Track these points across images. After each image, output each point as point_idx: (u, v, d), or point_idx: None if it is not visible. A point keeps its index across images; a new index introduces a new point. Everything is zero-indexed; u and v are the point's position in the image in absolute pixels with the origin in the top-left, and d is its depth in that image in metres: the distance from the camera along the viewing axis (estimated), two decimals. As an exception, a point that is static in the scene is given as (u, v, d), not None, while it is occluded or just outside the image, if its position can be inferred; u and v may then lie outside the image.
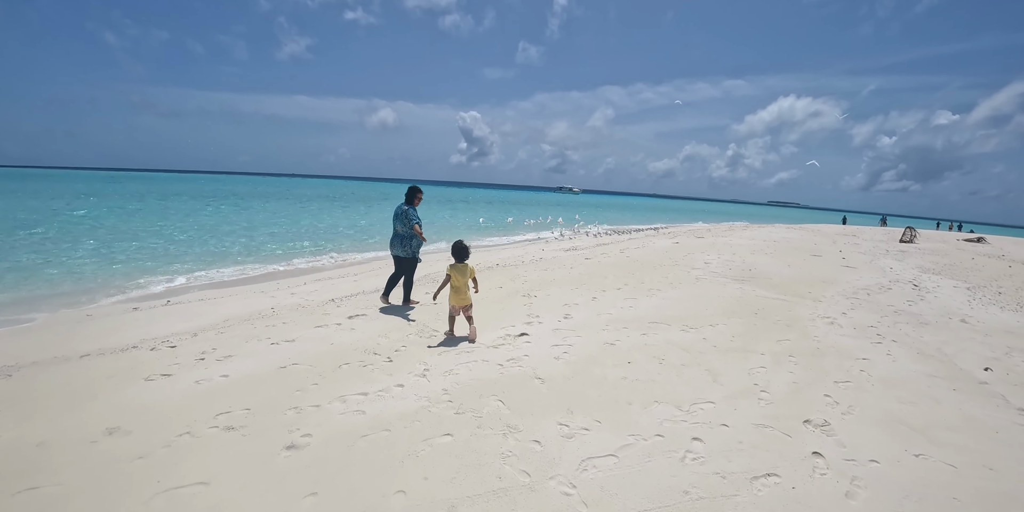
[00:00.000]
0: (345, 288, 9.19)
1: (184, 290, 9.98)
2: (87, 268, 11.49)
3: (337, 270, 12.43)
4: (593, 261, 11.53)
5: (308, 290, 9.15)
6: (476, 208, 43.06)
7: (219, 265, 12.75)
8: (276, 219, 25.91)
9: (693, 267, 10.62)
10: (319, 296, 8.40)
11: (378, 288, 8.98)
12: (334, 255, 15.05)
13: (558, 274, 9.58)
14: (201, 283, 10.76)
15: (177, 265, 12.44)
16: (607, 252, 13.70)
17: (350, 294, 8.42)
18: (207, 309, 7.78)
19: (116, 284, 10.22)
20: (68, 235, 16.24)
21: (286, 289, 9.46)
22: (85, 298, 9.10)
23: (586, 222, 30.71)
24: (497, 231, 24.64)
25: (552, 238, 21.83)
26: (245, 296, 8.92)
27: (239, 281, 11.05)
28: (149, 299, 9.29)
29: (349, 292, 8.65)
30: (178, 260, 13.09)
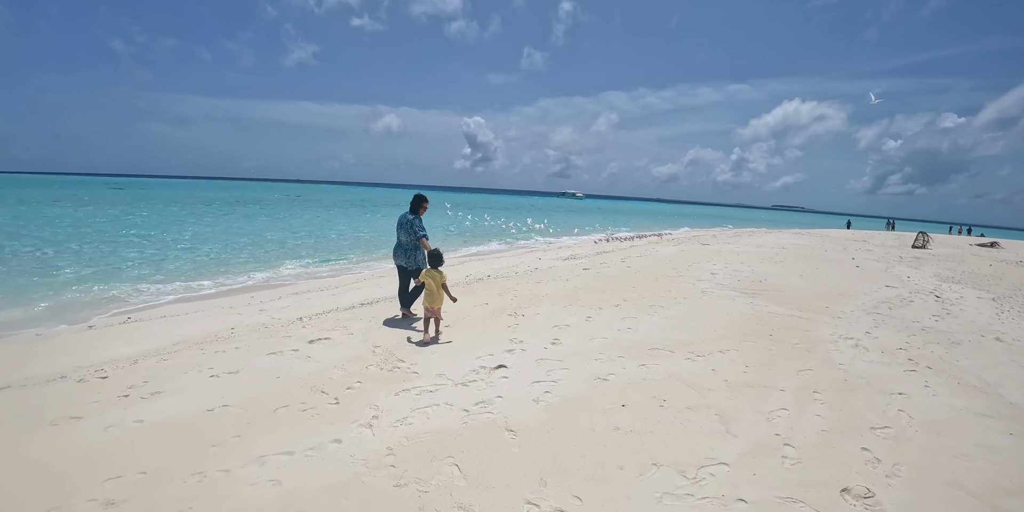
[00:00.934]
0: (320, 304, 8.46)
1: (154, 305, 9.29)
2: (61, 279, 10.81)
3: (319, 281, 11.71)
4: (591, 272, 10.77)
5: (280, 306, 8.43)
6: (469, 214, 42.42)
7: (202, 276, 12.07)
8: (271, 227, 25.27)
9: (699, 279, 9.84)
10: (288, 313, 7.68)
11: (355, 304, 8.27)
12: (323, 266, 14.35)
13: (551, 288, 8.83)
14: (176, 295, 10.08)
15: (160, 276, 11.77)
16: (607, 261, 12.94)
17: (323, 311, 7.70)
18: (164, 329, 7.07)
19: (88, 297, 9.57)
20: (49, 243, 15.61)
21: (258, 305, 8.74)
22: (48, 313, 8.44)
23: (591, 228, 29.93)
24: (484, 239, 23.91)
25: (547, 247, 21.10)
26: (211, 313, 8.21)
27: (217, 294, 10.35)
28: (117, 313, 8.62)
29: (323, 309, 7.93)
30: (161, 271, 12.41)
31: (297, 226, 25.96)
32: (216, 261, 14.20)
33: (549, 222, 35.70)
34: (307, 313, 7.60)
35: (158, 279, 11.38)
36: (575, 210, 69.96)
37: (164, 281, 11.24)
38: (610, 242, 21.90)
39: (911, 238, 29.77)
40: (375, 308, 7.66)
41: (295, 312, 7.77)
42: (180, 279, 11.54)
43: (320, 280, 11.96)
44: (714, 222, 50.27)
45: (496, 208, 54.89)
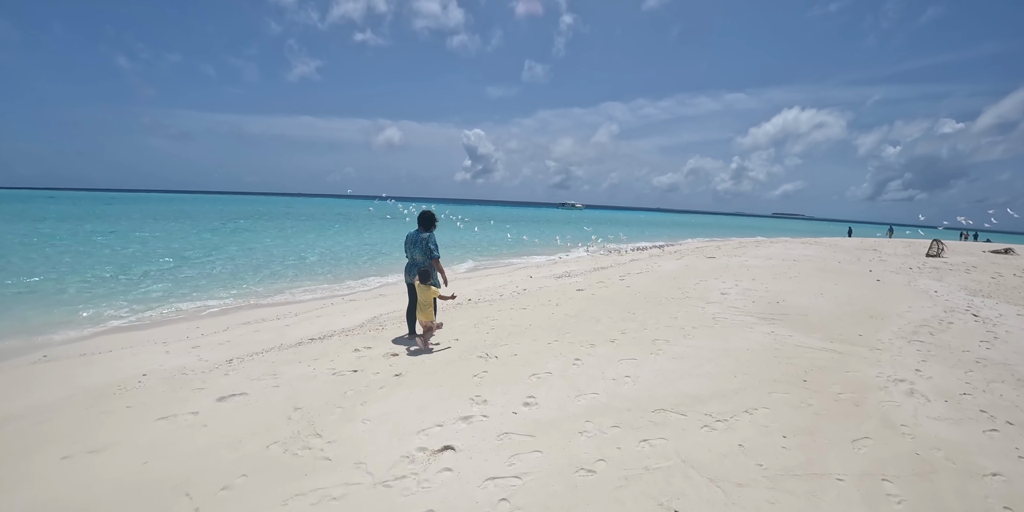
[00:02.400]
0: (264, 338, 7.23)
1: (83, 337, 8.07)
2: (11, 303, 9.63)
3: (278, 309, 10.44)
4: (586, 294, 9.55)
5: (218, 341, 7.21)
6: (465, 227, 41.24)
7: (150, 300, 10.87)
8: (254, 243, 24.08)
9: (708, 300, 8.61)
10: (222, 353, 6.45)
11: (303, 340, 7.04)
12: (290, 288, 13.13)
13: (538, 316, 7.60)
14: (113, 325, 8.87)
15: (102, 301, 10.55)
16: (605, 279, 11.72)
17: (262, 349, 6.48)
18: (67, 374, 5.83)
19: (35, 326, 8.45)
20: (25, 262, 14.42)
21: (196, 338, 7.53)
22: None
23: (589, 241, 28.74)
24: (480, 255, 22.71)
25: (544, 261, 19.89)
26: (138, 350, 6.98)
27: (157, 322, 9.14)
28: (42, 347, 7.42)
29: (263, 346, 6.70)
30: (104, 296, 11.19)
31: (271, 244, 24.78)
32: (171, 282, 13.00)
33: (545, 235, 34.56)
34: (243, 352, 6.38)
35: (98, 305, 10.16)
36: (573, 221, 68.88)
37: (105, 307, 10.03)
38: (609, 256, 20.70)
39: (922, 246, 28.58)
40: (323, 345, 6.43)
41: (230, 350, 6.54)
42: (124, 305, 10.32)
43: (278, 307, 10.70)
44: (716, 232, 49.07)
45: (497, 220, 53.72)
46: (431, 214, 6.36)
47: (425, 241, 6.21)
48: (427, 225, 6.33)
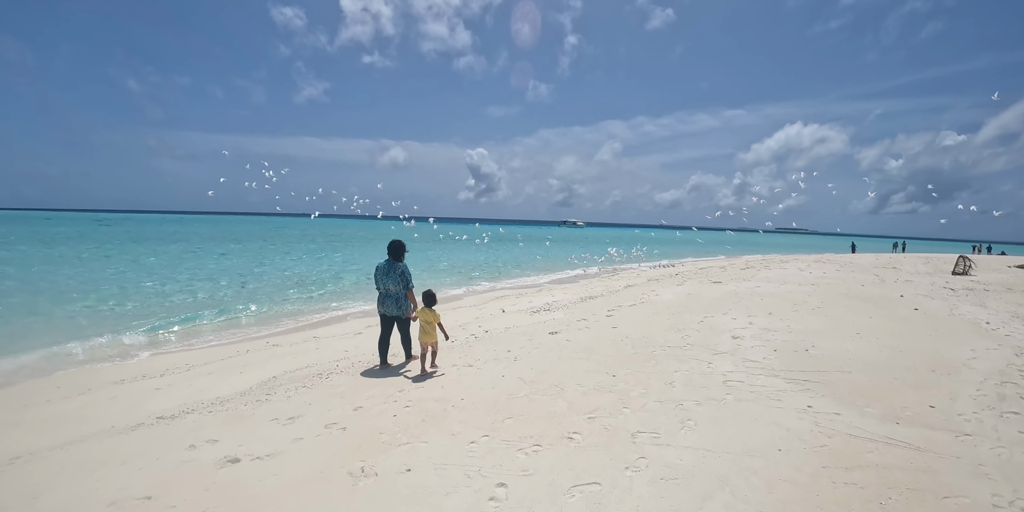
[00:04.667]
0: (204, 386, 5.24)
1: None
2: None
3: (213, 351, 8.44)
4: (559, 339, 7.53)
5: (148, 388, 5.26)
6: (453, 247, 39.41)
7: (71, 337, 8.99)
8: (212, 266, 22.14)
9: (716, 350, 6.59)
10: (148, 406, 4.49)
11: (244, 390, 5.07)
12: (255, 327, 11.14)
13: (481, 380, 5.56)
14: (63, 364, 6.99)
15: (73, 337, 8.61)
16: (589, 315, 9.71)
17: (196, 406, 4.50)
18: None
19: None
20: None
21: (134, 381, 5.60)
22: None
23: (584, 261, 26.74)
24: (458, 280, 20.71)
25: (530, 286, 17.86)
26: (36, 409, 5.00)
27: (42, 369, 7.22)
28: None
29: (208, 397, 4.73)
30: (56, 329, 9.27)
31: (239, 266, 22.82)
32: (102, 314, 11.05)
33: (543, 256, 32.64)
34: (174, 409, 4.41)
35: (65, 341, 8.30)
36: (572, 239, 66.72)
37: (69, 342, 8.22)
38: (602, 280, 18.68)
39: (942, 261, 26.49)
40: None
41: (163, 401, 4.56)
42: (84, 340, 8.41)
43: (217, 347, 8.70)
44: (720, 249, 46.90)
45: (510, 238, 51.79)
46: (402, 244, 6.33)
47: (402, 273, 6.20)
48: (398, 255, 6.30)
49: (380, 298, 6.34)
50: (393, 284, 6.20)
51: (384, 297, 6.29)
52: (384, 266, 6.27)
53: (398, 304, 6.27)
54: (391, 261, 6.27)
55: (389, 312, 6.31)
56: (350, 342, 8.72)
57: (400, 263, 6.27)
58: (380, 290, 6.31)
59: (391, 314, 6.33)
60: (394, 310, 6.29)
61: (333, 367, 6.84)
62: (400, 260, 6.31)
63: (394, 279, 6.19)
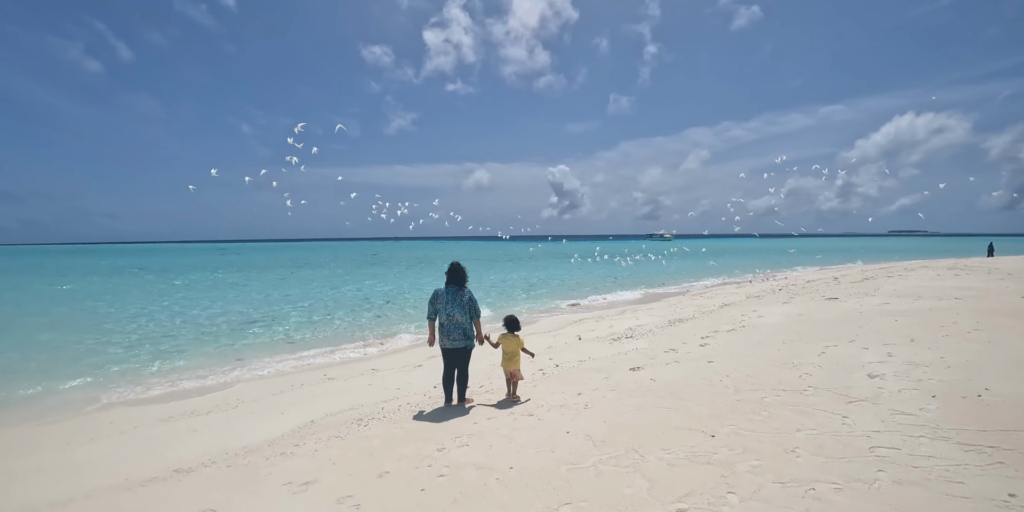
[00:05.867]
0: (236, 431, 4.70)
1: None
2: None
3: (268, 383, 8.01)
4: (641, 377, 6.21)
5: (186, 429, 4.81)
6: (535, 265, 38.61)
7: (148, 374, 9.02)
8: (274, 292, 22.71)
9: (849, 396, 4.99)
10: (173, 453, 3.99)
11: (275, 438, 4.43)
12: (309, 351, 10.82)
13: (538, 439, 4.42)
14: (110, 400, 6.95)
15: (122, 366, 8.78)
16: (678, 344, 8.26)
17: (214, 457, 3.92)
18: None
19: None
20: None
21: (180, 419, 5.20)
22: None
23: (678, 276, 24.82)
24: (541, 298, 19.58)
25: (614, 308, 16.41)
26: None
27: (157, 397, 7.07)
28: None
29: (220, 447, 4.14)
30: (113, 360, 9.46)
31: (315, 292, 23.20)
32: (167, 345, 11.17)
33: (625, 273, 30.86)
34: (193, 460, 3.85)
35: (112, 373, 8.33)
36: (660, 253, 63.39)
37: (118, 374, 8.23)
38: (692, 298, 16.85)
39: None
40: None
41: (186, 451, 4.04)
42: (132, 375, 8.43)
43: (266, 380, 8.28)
44: (827, 257, 42.28)
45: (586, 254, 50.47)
46: (463, 268, 5.78)
47: (471, 300, 5.70)
48: (461, 281, 5.72)
49: (444, 329, 5.68)
50: (460, 313, 5.61)
51: (449, 328, 5.64)
52: (447, 293, 5.65)
53: (465, 334, 5.68)
54: (454, 287, 5.68)
55: (456, 344, 5.66)
56: (406, 377, 7.94)
57: (466, 289, 5.74)
58: (442, 320, 5.66)
59: (459, 346, 5.68)
60: (463, 341, 5.68)
61: (377, 411, 6.02)
62: (464, 286, 5.75)
63: (461, 307, 5.61)
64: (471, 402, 5.88)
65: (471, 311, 5.68)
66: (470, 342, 5.74)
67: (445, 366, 5.84)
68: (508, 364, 5.77)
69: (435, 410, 5.75)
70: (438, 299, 5.63)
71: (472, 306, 5.69)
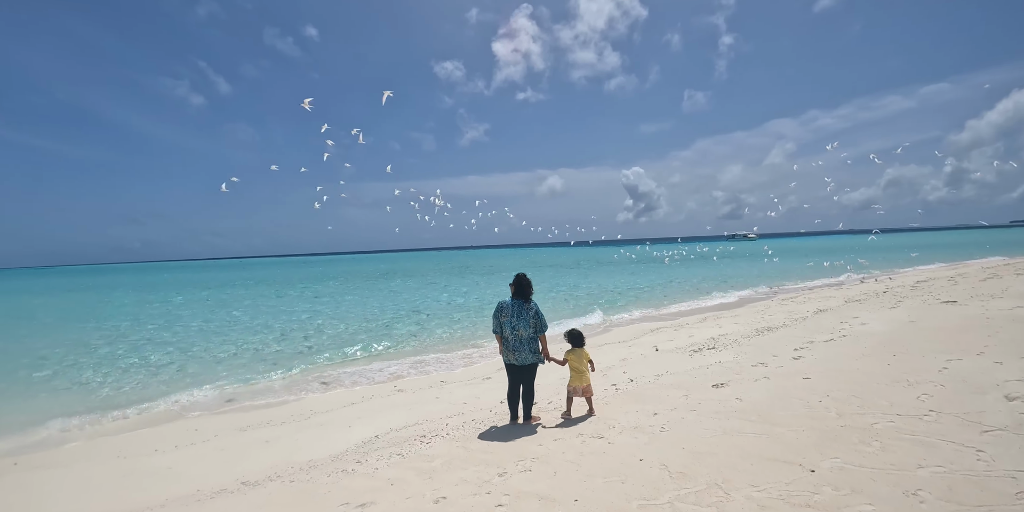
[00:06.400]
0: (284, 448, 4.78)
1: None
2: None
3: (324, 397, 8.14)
4: (725, 395, 5.60)
5: (259, 439, 4.99)
6: (608, 271, 37.54)
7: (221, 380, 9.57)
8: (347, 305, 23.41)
9: (983, 422, 4.13)
10: (244, 465, 4.13)
11: (340, 453, 4.48)
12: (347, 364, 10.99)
13: (604, 466, 3.96)
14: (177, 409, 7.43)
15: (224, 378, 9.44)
16: (767, 357, 7.49)
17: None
18: None
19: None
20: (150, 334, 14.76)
21: (256, 429, 5.46)
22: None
23: (765, 278, 23.26)
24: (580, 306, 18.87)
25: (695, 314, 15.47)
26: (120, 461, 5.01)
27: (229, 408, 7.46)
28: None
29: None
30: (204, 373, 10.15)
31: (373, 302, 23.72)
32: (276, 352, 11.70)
33: (707, 276, 29.34)
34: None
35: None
36: (745, 255, 59.92)
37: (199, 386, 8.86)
38: (782, 303, 15.54)
39: None
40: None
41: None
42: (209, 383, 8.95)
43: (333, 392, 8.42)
44: (938, 253, 38.00)
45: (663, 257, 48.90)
46: (529, 280, 5.48)
47: (537, 313, 5.40)
48: (526, 293, 5.42)
49: (508, 344, 5.40)
50: (524, 327, 5.33)
51: (515, 343, 5.37)
52: (512, 306, 5.38)
53: (532, 349, 5.39)
54: (519, 300, 5.41)
55: (523, 360, 5.37)
56: (474, 390, 7.75)
57: (532, 303, 5.44)
58: (506, 335, 5.39)
59: (526, 363, 5.38)
60: (530, 358, 5.39)
61: (441, 427, 5.84)
62: (529, 299, 5.46)
63: (526, 321, 5.32)
64: (537, 420, 5.56)
65: (537, 325, 5.38)
66: (536, 358, 5.44)
67: (510, 382, 5.58)
68: (578, 380, 5.45)
69: (500, 428, 5.48)
70: (502, 312, 5.40)
71: (538, 320, 5.39)
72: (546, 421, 5.52)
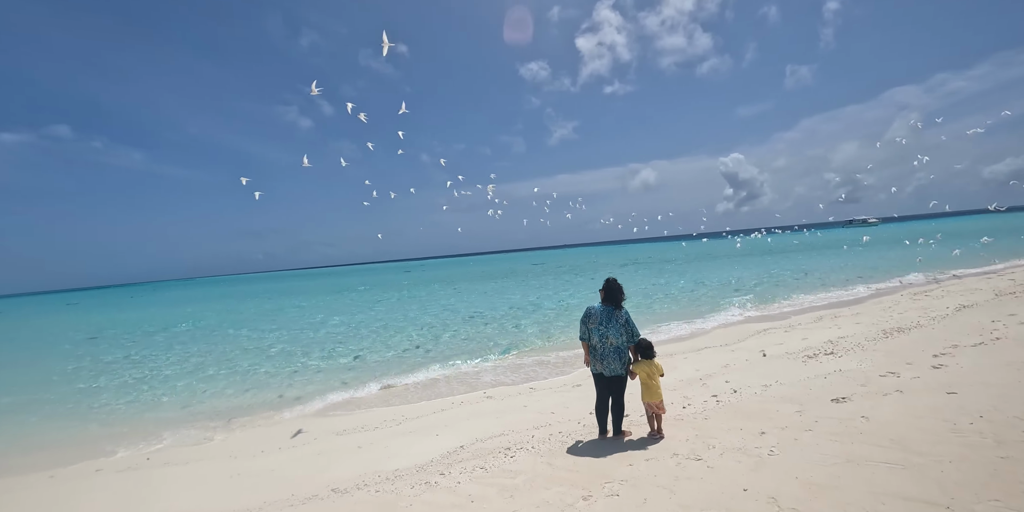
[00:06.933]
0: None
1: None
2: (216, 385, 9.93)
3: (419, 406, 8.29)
4: (848, 412, 4.86)
5: (352, 445, 5.25)
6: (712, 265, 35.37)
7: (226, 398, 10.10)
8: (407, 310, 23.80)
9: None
10: (335, 472, 4.41)
11: (425, 463, 4.58)
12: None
13: (701, 494, 3.51)
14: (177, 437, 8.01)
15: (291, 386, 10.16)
16: (898, 363, 6.50)
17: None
18: None
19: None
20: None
21: (351, 434, 5.78)
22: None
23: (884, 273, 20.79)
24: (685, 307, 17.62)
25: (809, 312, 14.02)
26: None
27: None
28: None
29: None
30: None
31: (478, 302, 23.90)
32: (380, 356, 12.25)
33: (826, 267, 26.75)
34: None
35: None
36: (864, 242, 54.02)
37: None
38: (914, 297, 13.63)
39: None
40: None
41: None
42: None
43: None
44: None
45: (779, 252, 45.62)
46: (619, 286, 5.13)
47: (628, 320, 5.09)
48: (617, 299, 5.09)
49: (596, 353, 5.09)
50: (615, 335, 5.02)
51: (603, 352, 5.06)
52: (601, 313, 5.07)
53: (621, 359, 5.08)
54: (609, 307, 5.10)
55: (611, 370, 5.05)
56: (563, 398, 7.48)
57: (623, 310, 5.12)
58: (594, 343, 5.08)
59: (615, 373, 5.06)
60: (619, 368, 5.08)
61: (527, 439, 5.63)
62: (620, 305, 5.13)
63: (616, 330, 5.01)
64: (628, 435, 5.18)
65: (627, 334, 5.05)
66: (624, 367, 5.10)
67: (598, 393, 5.23)
68: (648, 395, 5.03)
69: (588, 443, 5.16)
70: (591, 319, 5.10)
71: (629, 329, 5.05)
72: (637, 436, 5.12)
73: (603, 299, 5.18)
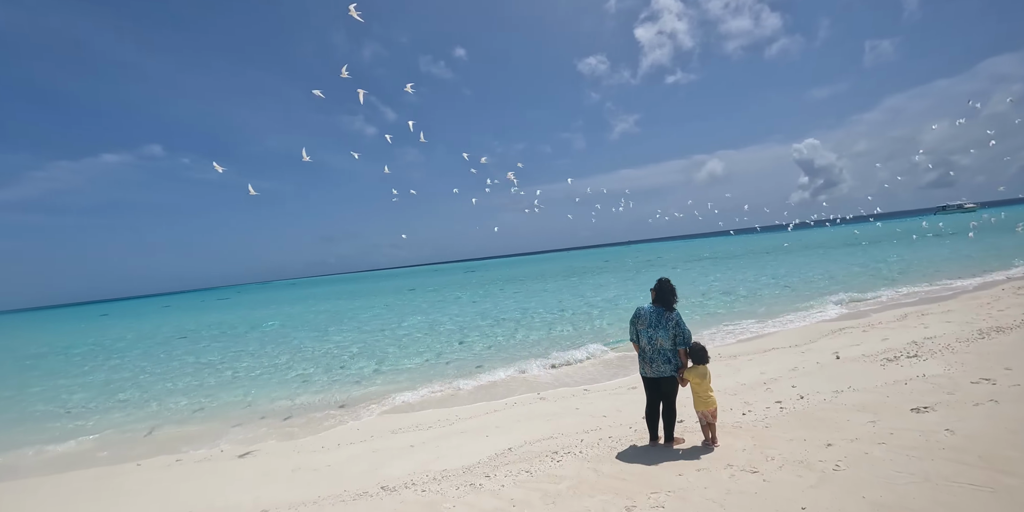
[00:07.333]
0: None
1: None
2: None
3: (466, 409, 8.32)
4: (930, 424, 4.38)
5: (405, 444, 5.44)
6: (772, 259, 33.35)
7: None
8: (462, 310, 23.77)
9: None
10: (387, 470, 4.57)
11: (472, 465, 4.66)
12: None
13: (754, 511, 3.32)
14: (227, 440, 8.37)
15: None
16: (995, 368, 5.82)
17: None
18: None
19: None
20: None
21: (406, 433, 5.97)
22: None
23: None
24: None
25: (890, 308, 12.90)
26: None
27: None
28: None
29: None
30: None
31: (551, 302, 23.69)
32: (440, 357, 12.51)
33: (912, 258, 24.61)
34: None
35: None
36: (959, 231, 49.17)
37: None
38: (1017, 292, 12.23)
39: None
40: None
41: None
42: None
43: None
44: None
45: (853, 244, 42.67)
46: (672, 286, 4.95)
47: (679, 322, 4.85)
48: (669, 300, 4.90)
49: (645, 355, 4.95)
50: (664, 337, 4.84)
51: (652, 355, 4.91)
52: (651, 314, 4.92)
53: (670, 361, 4.88)
54: (659, 308, 4.92)
55: (659, 372, 4.89)
56: (616, 401, 7.26)
57: (674, 311, 4.92)
58: (643, 345, 4.95)
59: (663, 375, 4.89)
60: (668, 371, 4.89)
61: (575, 443, 5.49)
62: (672, 307, 4.94)
63: (665, 331, 4.82)
64: (680, 443, 4.93)
65: (678, 337, 4.84)
66: (674, 369, 4.88)
67: (648, 398, 5.05)
68: (701, 404, 4.80)
69: (637, 449, 4.96)
70: (640, 320, 4.95)
71: (679, 331, 4.83)
72: (690, 444, 4.86)
73: (654, 299, 4.99)
